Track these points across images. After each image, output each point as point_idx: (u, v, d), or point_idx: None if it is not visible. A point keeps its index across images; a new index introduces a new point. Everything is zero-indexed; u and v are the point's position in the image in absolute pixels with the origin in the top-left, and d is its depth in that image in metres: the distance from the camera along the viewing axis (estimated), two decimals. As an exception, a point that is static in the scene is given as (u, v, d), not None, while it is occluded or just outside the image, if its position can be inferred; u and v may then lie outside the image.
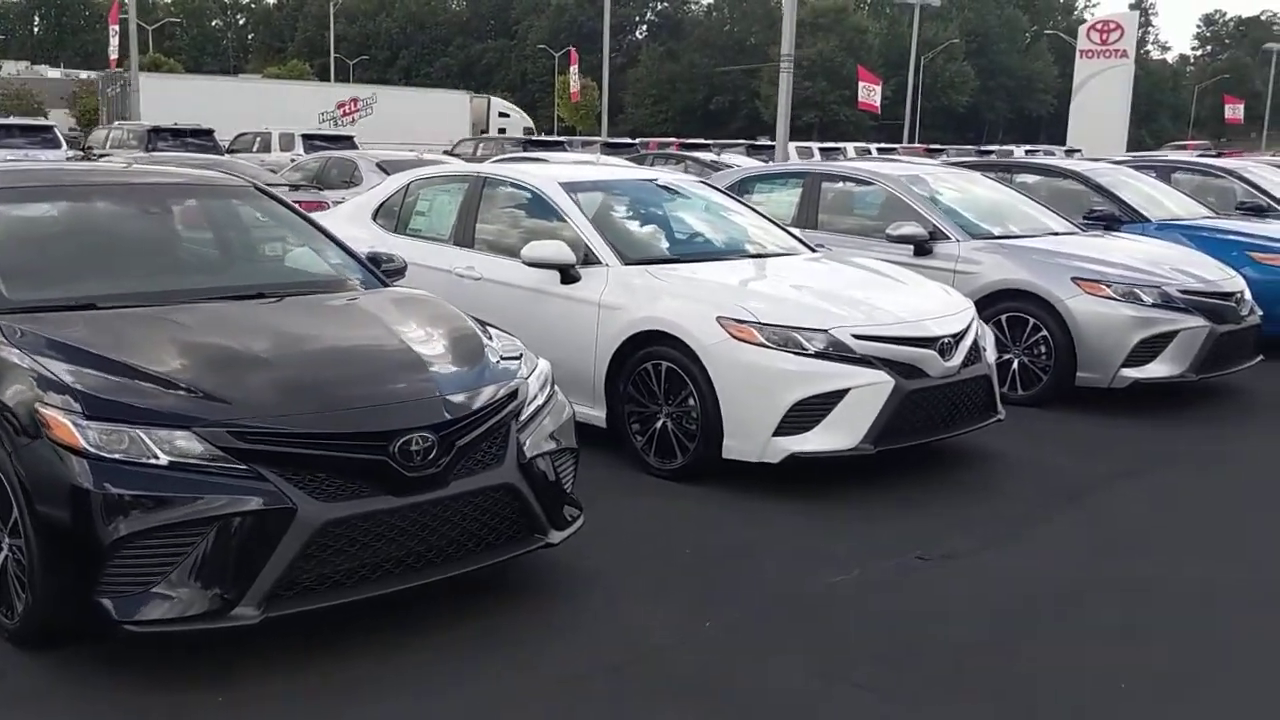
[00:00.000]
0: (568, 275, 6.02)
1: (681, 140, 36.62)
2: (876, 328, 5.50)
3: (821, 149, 34.88)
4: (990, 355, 6.05)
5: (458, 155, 25.08)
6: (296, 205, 5.21)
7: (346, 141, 25.55)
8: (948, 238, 7.87)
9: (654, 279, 5.80)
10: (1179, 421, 7.12)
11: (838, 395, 5.33)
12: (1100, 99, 44.07)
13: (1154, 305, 7.17)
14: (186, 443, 3.35)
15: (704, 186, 7.40)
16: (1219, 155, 29.34)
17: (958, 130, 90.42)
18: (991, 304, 7.56)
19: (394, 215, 7.30)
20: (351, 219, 7.52)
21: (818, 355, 5.35)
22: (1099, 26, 43.99)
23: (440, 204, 7.09)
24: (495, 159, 16.86)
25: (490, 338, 4.36)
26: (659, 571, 4.56)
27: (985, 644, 3.98)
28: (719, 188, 7.51)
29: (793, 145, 36.80)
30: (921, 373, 5.54)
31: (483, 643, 3.82)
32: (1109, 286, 7.20)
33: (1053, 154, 37.66)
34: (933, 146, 41.32)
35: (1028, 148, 44.32)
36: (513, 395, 3.99)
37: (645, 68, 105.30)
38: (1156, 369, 7.16)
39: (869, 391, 5.37)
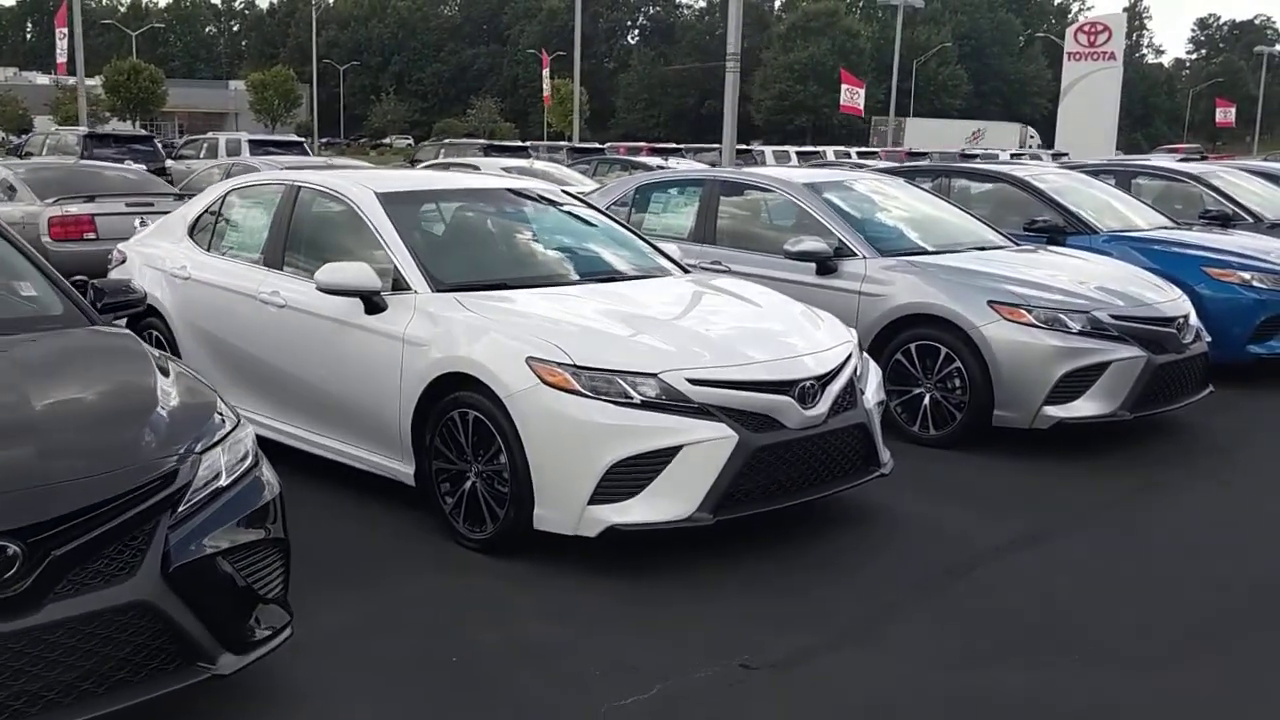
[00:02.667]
0: (371, 304, 5.08)
1: (653, 145, 35.71)
2: (720, 370, 4.54)
3: (799, 153, 33.95)
4: (872, 397, 5.10)
5: (418, 161, 24.11)
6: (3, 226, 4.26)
7: (297, 147, 24.62)
8: (854, 254, 6.92)
9: (463, 310, 4.85)
10: (1111, 467, 6.16)
11: (668, 454, 4.38)
12: (1089, 102, 43.14)
13: (1081, 333, 6.22)
14: None
15: (569, 199, 6.44)
16: (1204, 158, 28.47)
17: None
18: (901, 330, 6.63)
19: (209, 230, 6.36)
20: (168, 234, 6.59)
21: (645, 405, 4.40)
22: (1086, 28, 43.06)
23: (253, 218, 6.14)
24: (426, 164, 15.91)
25: (178, 398, 3.40)
26: (398, 693, 3.61)
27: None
28: (582, 198, 6.54)
29: (769, 149, 36.03)
30: (775, 424, 4.59)
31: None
32: (1029, 311, 6.25)
33: (1039, 158, 36.76)
34: (915, 150, 40.36)
35: (1013, 151, 43.40)
36: (167, 479, 3.04)
37: (636, 72, 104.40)
38: (1084, 407, 6.21)
39: (707, 449, 4.42)
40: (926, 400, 6.53)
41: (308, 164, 14.09)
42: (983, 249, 7.39)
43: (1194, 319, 6.76)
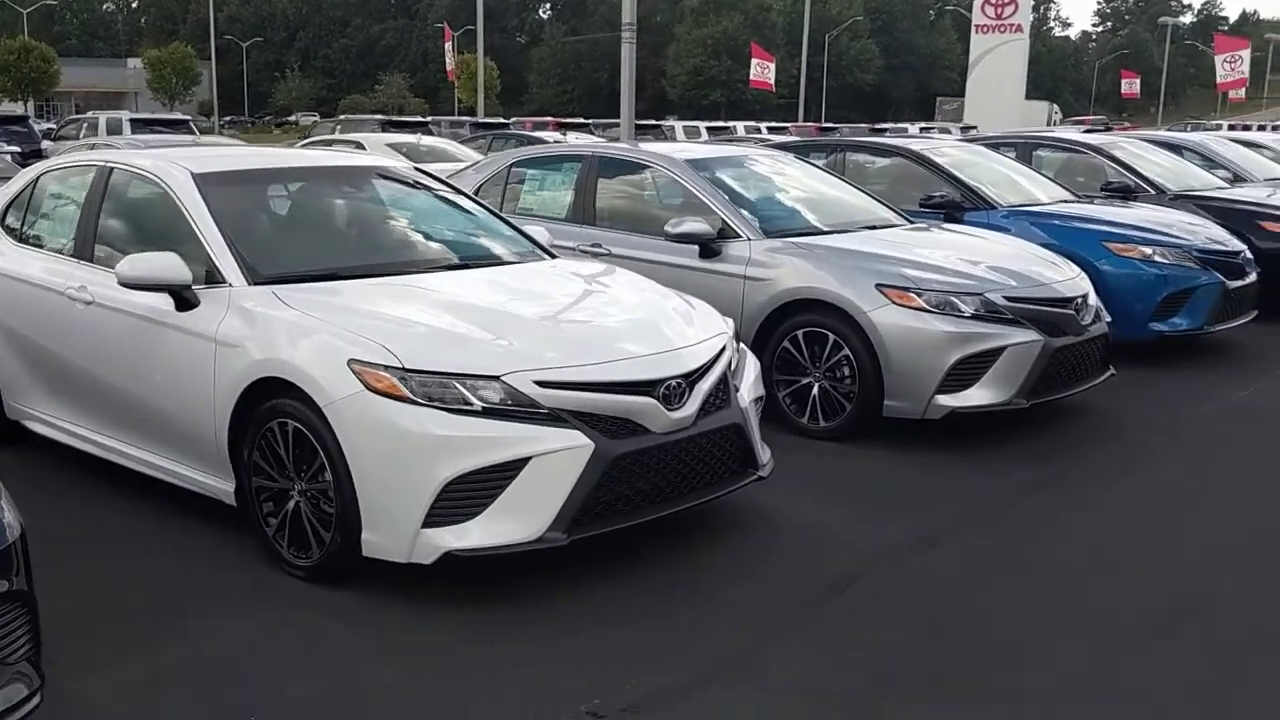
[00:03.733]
0: (182, 299, 4.48)
1: (560, 120, 35.02)
2: (573, 370, 4.04)
3: (709, 128, 33.50)
4: (749, 394, 4.64)
5: (309, 139, 23.13)
6: None
7: (183, 126, 23.52)
8: (739, 235, 6.46)
9: (282, 305, 4.28)
10: (1008, 459, 5.80)
11: (513, 468, 3.87)
12: (997, 74, 43.37)
13: (974, 317, 5.84)
14: None
15: (425, 177, 5.86)
16: (1107, 130, 28.67)
17: (865, 109, 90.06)
18: (787, 316, 6.20)
19: (20, 218, 5.67)
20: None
21: (486, 413, 3.89)
22: (994, 0, 43.20)
23: (64, 204, 5.48)
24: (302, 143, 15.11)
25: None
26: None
27: None
28: (437, 177, 5.95)
29: (679, 124, 35.55)
30: (637, 429, 4.11)
31: None
32: (919, 295, 5.85)
33: (949, 132, 36.82)
34: (825, 125, 40.25)
35: (923, 125, 43.52)
36: None
37: (549, 46, 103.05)
38: (978, 395, 5.83)
39: (558, 461, 3.92)
40: (815, 390, 6.11)
41: (174, 142, 13.24)
42: (875, 228, 6.99)
43: (1093, 298, 6.43)
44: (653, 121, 34.77)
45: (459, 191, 5.82)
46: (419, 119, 29.63)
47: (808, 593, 4.17)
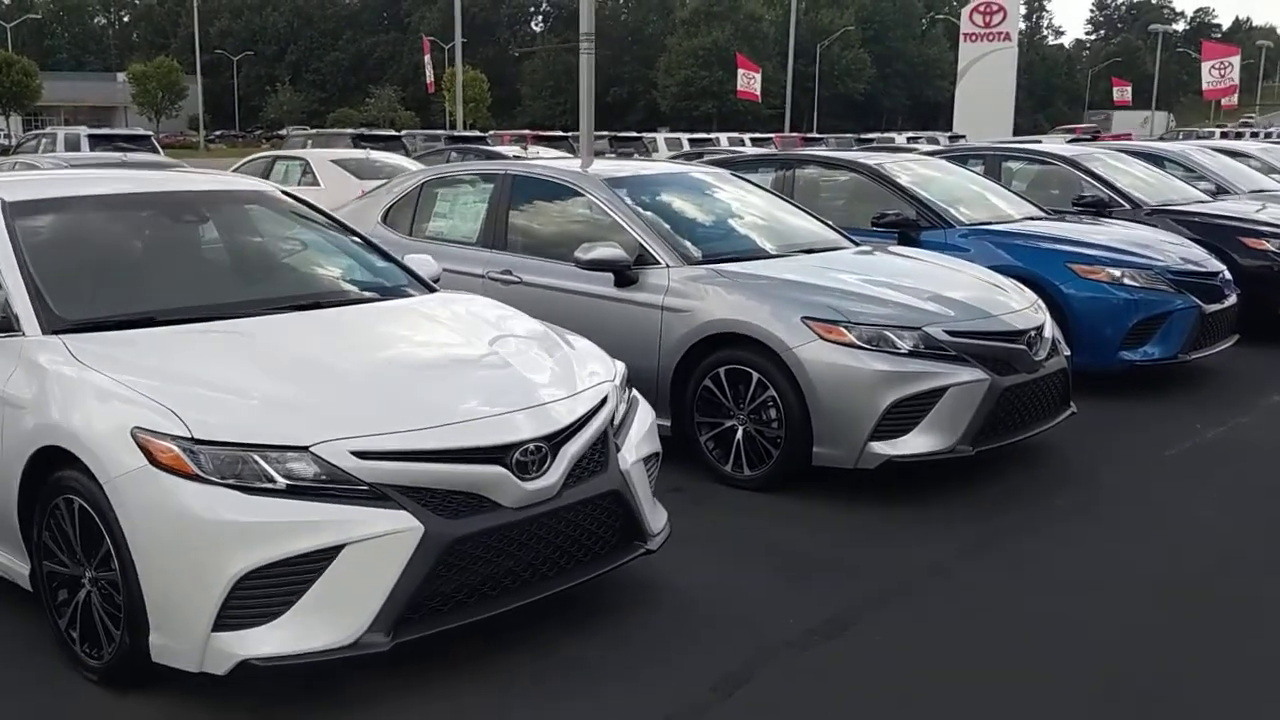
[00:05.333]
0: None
1: (539, 132, 34.43)
2: (400, 436, 3.39)
3: (691, 139, 32.89)
4: (634, 452, 4.00)
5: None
6: None
7: (145, 141, 22.92)
8: (657, 262, 5.83)
9: (70, 359, 3.63)
10: (950, 513, 5.16)
11: (323, 557, 3.23)
12: (986, 83, 42.87)
13: (912, 353, 5.20)
14: None
15: (291, 201, 5.20)
16: (1094, 138, 28.13)
17: (857, 118, 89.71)
18: (709, 352, 5.57)
19: None
20: None
21: (292, 492, 3.25)
22: (981, 9, 42.73)
23: None
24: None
25: None
26: None
27: None
28: (305, 201, 5.29)
29: (661, 136, 34.96)
30: (484, 505, 3.47)
31: None
32: (850, 329, 5.21)
33: (937, 141, 36.23)
34: (809, 135, 39.69)
35: (910, 134, 43.01)
36: None
37: (541, 59, 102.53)
38: (916, 442, 5.19)
39: (379, 547, 3.28)
40: (739, 435, 5.48)
41: (102, 161, 12.61)
42: (814, 251, 6.36)
43: (1050, 329, 5.79)
44: (634, 134, 34.18)
45: (331, 219, 5.18)
46: (392, 133, 28.93)
47: (685, 698, 3.52)
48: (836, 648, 3.88)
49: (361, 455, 3.31)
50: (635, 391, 4.37)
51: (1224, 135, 36.69)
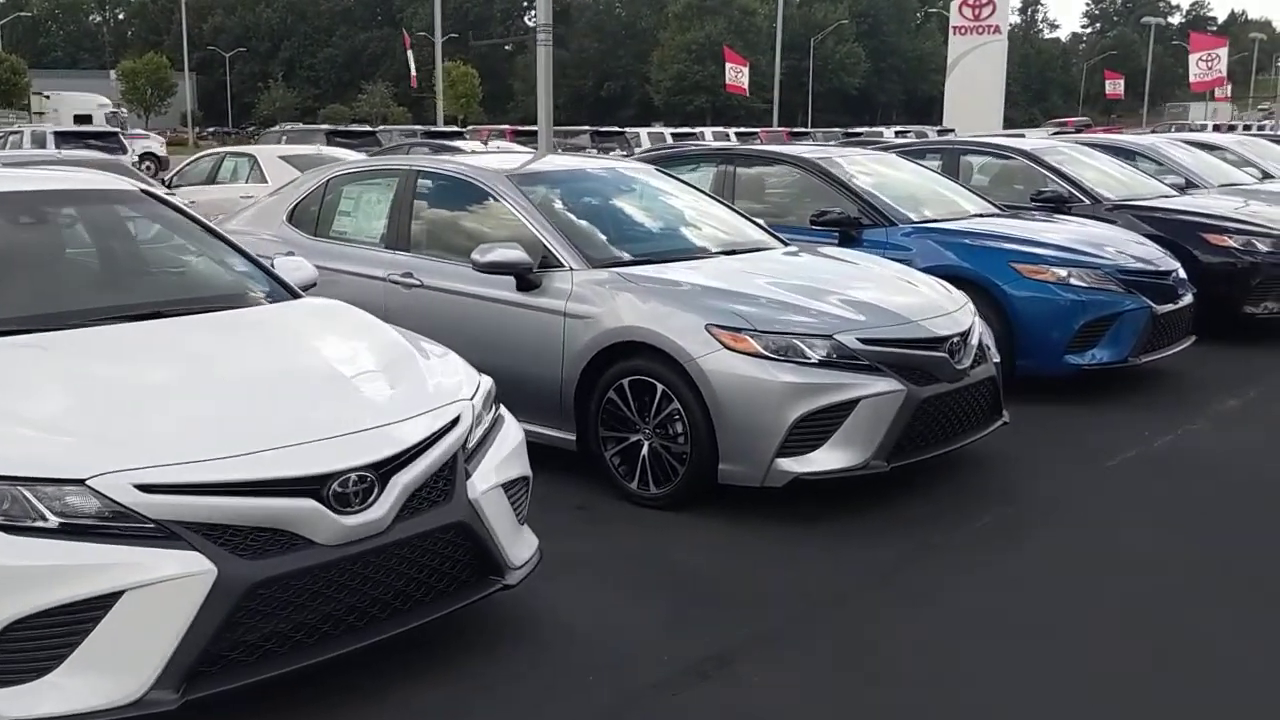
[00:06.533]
0: None
1: (516, 128, 34.05)
2: (195, 468, 3.02)
3: (674, 134, 32.51)
4: (489, 479, 3.63)
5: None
6: None
7: (112, 139, 22.57)
8: (561, 265, 5.46)
9: None
10: (863, 534, 4.80)
11: (99, 605, 2.87)
12: (975, 76, 42.42)
13: (823, 363, 4.83)
14: None
15: (155, 200, 4.82)
16: (1079, 131, 27.75)
17: (852, 113, 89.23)
18: (614, 362, 5.20)
19: None
20: None
21: (65, 532, 2.88)
22: (970, 1, 42.27)
23: None
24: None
25: None
26: None
27: None
28: (158, 196, 4.90)
29: (644, 130, 34.58)
30: (295, 543, 3.11)
31: None
32: (756, 337, 4.85)
33: (925, 135, 35.85)
34: (797, 130, 39.32)
35: (899, 129, 42.64)
36: None
37: (534, 54, 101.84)
38: (827, 458, 4.82)
39: (165, 594, 2.91)
40: (645, 450, 5.11)
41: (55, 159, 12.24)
42: (736, 252, 6.00)
43: (978, 335, 5.42)
44: (615, 128, 33.78)
45: (196, 220, 4.80)
46: (367, 129, 28.57)
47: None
48: (708, 691, 3.52)
49: (147, 489, 2.94)
50: (503, 409, 4.01)
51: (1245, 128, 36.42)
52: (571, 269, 5.42)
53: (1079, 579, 4.36)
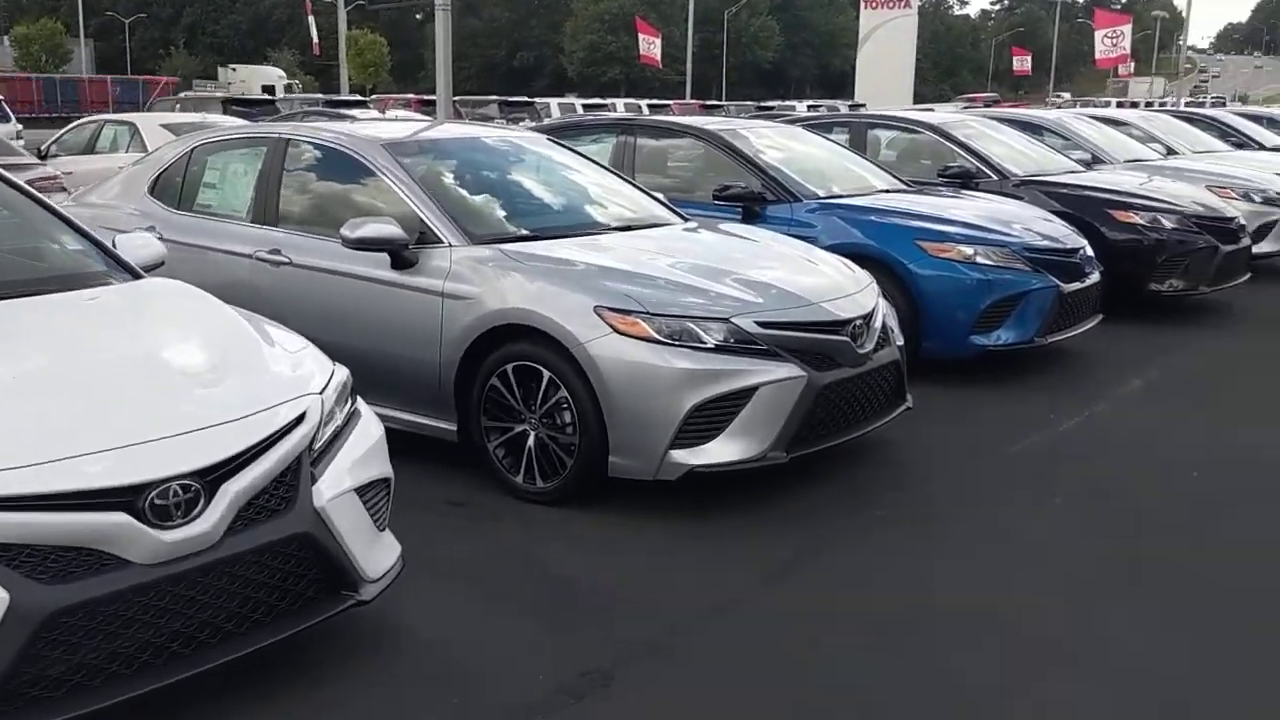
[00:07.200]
0: None
1: (422, 96, 33.29)
2: (-10, 479, 2.62)
3: (586, 105, 32.00)
4: (339, 483, 3.25)
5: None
6: None
7: (-10, 105, 21.39)
8: (440, 241, 5.08)
9: None
10: (753, 532, 4.53)
11: None
12: (886, 51, 42.69)
13: (720, 348, 4.54)
14: None
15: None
16: (987, 105, 27.90)
17: (767, 87, 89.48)
18: (496, 346, 4.84)
19: None
20: None
21: None
22: (882, -25, 42.44)
23: None
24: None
25: None
26: None
27: None
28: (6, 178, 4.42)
29: (555, 101, 34.02)
30: (105, 563, 2.71)
31: None
32: (649, 320, 4.53)
33: (836, 109, 35.86)
34: (710, 103, 39.06)
35: (810, 103, 42.68)
36: None
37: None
38: (722, 449, 4.53)
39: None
40: (531, 441, 4.77)
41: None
42: (631, 228, 5.67)
43: (882, 317, 5.17)
44: (525, 99, 33.15)
45: (22, 190, 4.31)
46: (267, 98, 27.58)
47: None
48: (580, 713, 3.21)
49: (-84, 506, 2.52)
50: (361, 403, 3.63)
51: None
52: (451, 245, 5.03)
53: (980, 574, 4.14)
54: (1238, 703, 3.28)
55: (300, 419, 3.20)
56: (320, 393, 3.36)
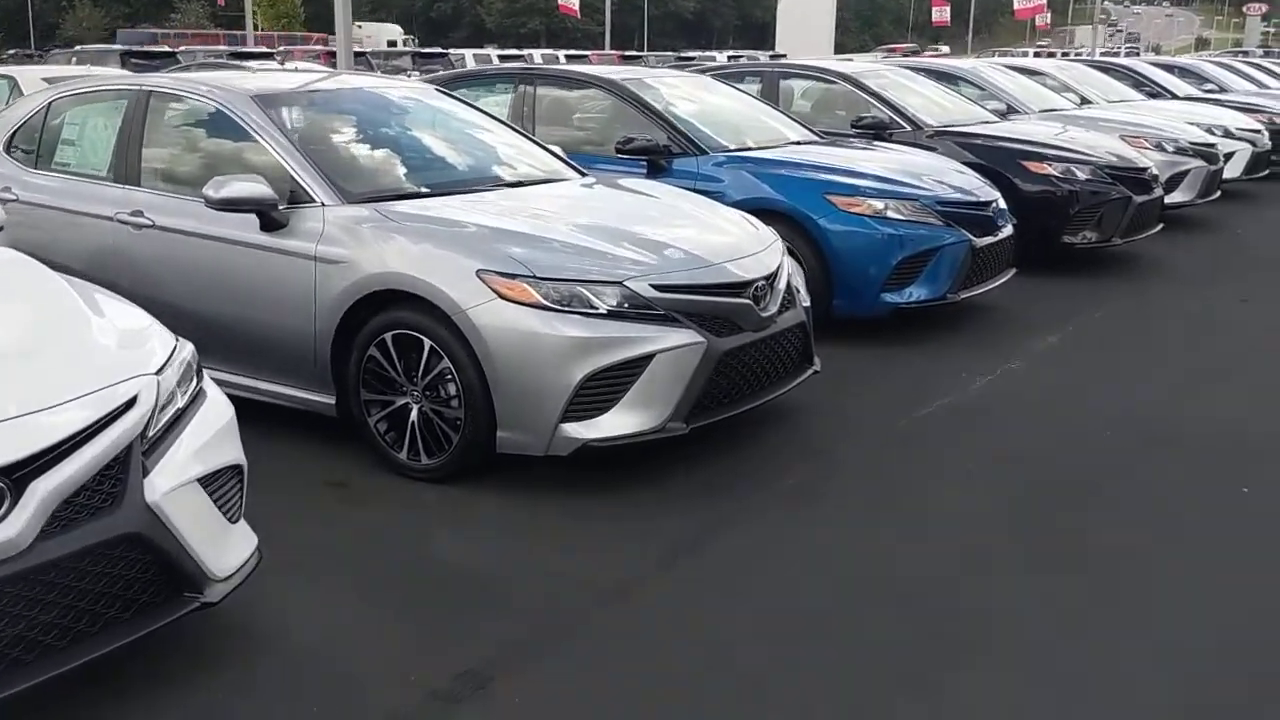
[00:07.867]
0: None
1: (330, 50, 32.19)
2: None
3: (500, 56, 31.26)
4: (178, 476, 2.91)
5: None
6: None
7: None
8: (312, 200, 4.70)
9: None
10: (659, 504, 4.29)
11: None
12: (807, 1, 42.23)
13: (613, 314, 4.25)
14: None
15: None
16: (905, 56, 27.79)
17: (689, 37, 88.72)
18: (375, 314, 4.50)
19: None
20: None
21: None
22: (802, -76, 41.89)
23: None
24: None
25: None
26: None
27: None
28: None
29: (470, 53, 33.23)
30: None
31: None
32: (536, 286, 4.22)
33: (757, 59, 35.50)
34: (630, 54, 38.48)
35: (730, 54, 42.28)
36: None
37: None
38: (617, 422, 4.26)
39: None
40: (414, 415, 4.46)
41: None
42: (521, 185, 5.34)
43: (786, 279, 4.92)
44: (438, 50, 32.29)
45: None
46: (167, 50, 26.49)
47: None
48: (461, 715, 2.94)
49: None
50: (208, 382, 3.28)
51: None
52: (324, 205, 4.66)
53: (888, 547, 3.94)
54: (1146, 674, 3.11)
55: (130, 404, 2.85)
56: (157, 373, 3.00)
